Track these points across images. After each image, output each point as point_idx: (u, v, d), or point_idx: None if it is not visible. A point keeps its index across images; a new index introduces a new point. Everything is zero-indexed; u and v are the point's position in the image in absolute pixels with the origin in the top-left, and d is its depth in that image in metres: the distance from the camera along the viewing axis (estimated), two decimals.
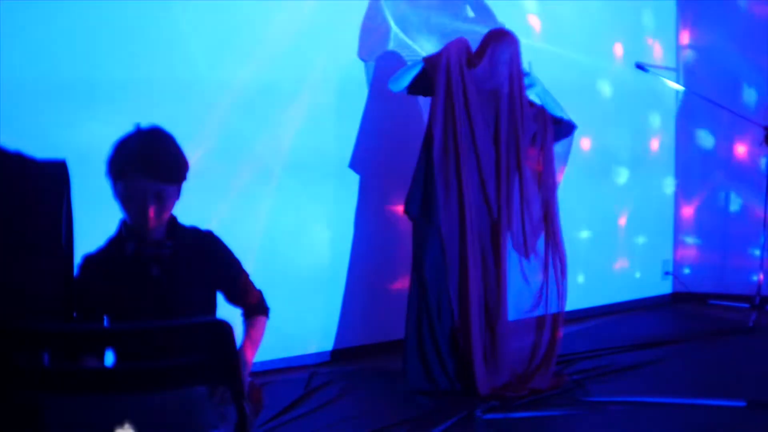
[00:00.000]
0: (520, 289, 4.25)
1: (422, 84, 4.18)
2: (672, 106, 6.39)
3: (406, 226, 4.35)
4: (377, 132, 4.81)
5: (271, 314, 2.65)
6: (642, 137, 6.25)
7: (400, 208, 4.38)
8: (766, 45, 6.06)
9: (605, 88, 5.93)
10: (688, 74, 6.23)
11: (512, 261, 4.22)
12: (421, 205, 4.17)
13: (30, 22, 3.58)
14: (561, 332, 4.29)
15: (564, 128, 4.35)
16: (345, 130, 4.72)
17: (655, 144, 6.35)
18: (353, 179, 4.76)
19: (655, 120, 6.33)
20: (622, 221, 6.15)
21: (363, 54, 4.77)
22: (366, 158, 4.77)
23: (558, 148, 4.35)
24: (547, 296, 4.24)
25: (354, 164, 4.75)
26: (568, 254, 4.30)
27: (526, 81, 4.20)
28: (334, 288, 4.73)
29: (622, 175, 6.13)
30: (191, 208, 2.58)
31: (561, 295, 4.26)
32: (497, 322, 4.14)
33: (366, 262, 4.82)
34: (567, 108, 4.38)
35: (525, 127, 4.16)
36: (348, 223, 4.76)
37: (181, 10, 4.07)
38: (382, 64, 4.81)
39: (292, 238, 4.52)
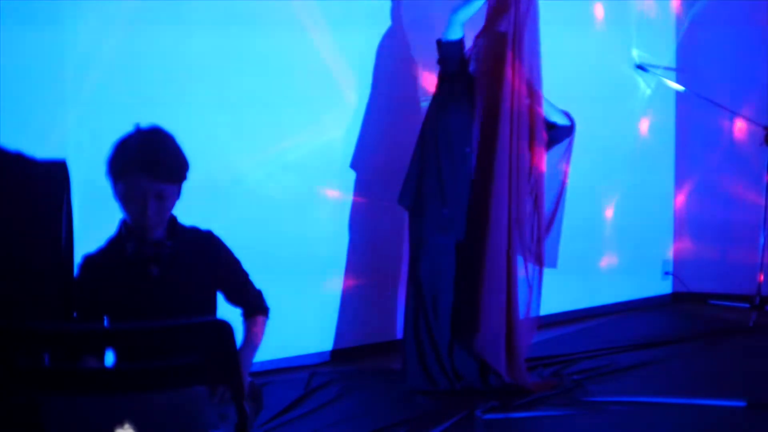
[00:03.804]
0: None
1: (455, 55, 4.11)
2: (672, 104, 6.39)
3: (406, 225, 4.34)
4: (377, 132, 4.80)
5: (271, 314, 2.65)
6: (642, 137, 6.25)
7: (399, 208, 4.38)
8: (766, 45, 6.06)
9: (601, 84, 5.88)
10: (689, 74, 6.21)
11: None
12: (416, 199, 4.16)
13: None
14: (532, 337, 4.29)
15: (560, 132, 4.28)
16: (346, 129, 4.72)
17: (655, 144, 6.34)
18: (352, 179, 4.76)
19: (656, 119, 6.32)
20: (622, 221, 6.13)
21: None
22: (365, 158, 4.76)
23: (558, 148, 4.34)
24: (529, 299, 4.23)
25: (353, 164, 4.74)
26: (566, 254, 4.28)
27: None
28: (333, 288, 4.72)
29: (623, 175, 6.12)
30: (191, 207, 2.58)
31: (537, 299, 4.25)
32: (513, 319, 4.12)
33: (365, 261, 4.81)
34: (563, 101, 4.36)
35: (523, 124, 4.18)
36: (347, 222, 4.76)
37: (187, 9, 4.07)
38: (384, 62, 4.81)
39: (292, 238, 4.51)
